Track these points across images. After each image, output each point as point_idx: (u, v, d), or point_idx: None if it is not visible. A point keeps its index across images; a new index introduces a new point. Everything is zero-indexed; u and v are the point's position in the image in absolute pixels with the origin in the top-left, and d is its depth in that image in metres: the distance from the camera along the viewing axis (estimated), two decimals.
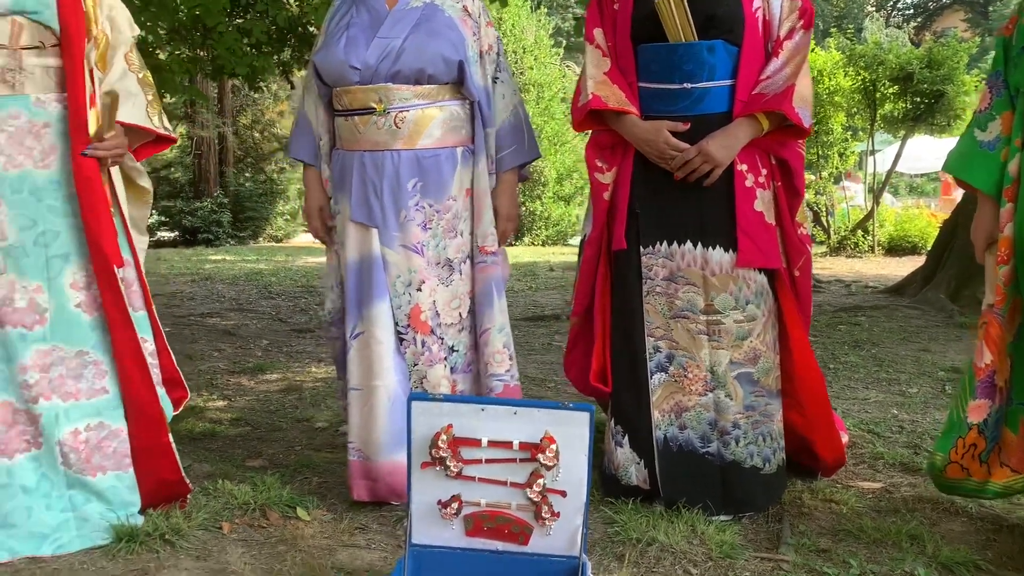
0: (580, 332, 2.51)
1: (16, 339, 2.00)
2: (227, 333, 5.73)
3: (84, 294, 2.07)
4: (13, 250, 2.01)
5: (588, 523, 1.71)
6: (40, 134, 2.04)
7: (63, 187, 2.05)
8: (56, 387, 2.04)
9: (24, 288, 2.02)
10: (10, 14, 1.99)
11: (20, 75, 2.01)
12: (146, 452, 2.13)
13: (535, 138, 2.49)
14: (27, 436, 2.02)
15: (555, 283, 9.68)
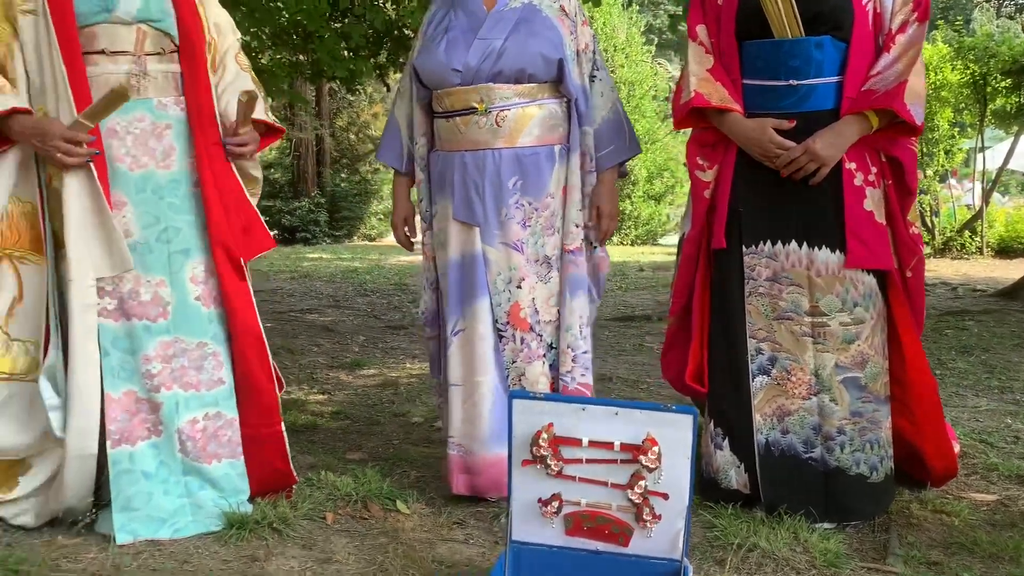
0: (677, 332, 2.48)
1: (141, 331, 2.11)
2: (325, 329, 5.89)
3: (203, 288, 2.17)
4: (138, 247, 2.11)
5: (690, 526, 1.69)
6: (161, 135, 2.14)
7: (182, 185, 2.16)
8: (177, 377, 2.14)
9: (148, 282, 2.12)
10: (136, 22, 2.10)
11: (144, 80, 2.12)
12: (259, 440, 2.22)
13: (635, 134, 2.48)
14: (148, 424, 2.12)
15: (645, 283, 9.58)
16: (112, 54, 2.09)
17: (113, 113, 2.06)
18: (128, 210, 2.11)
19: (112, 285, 2.09)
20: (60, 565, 1.86)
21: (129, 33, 2.10)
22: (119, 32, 2.09)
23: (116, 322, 2.10)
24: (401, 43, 6.91)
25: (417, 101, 2.47)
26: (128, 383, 2.10)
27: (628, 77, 17.15)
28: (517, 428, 1.70)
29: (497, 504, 2.33)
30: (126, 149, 2.10)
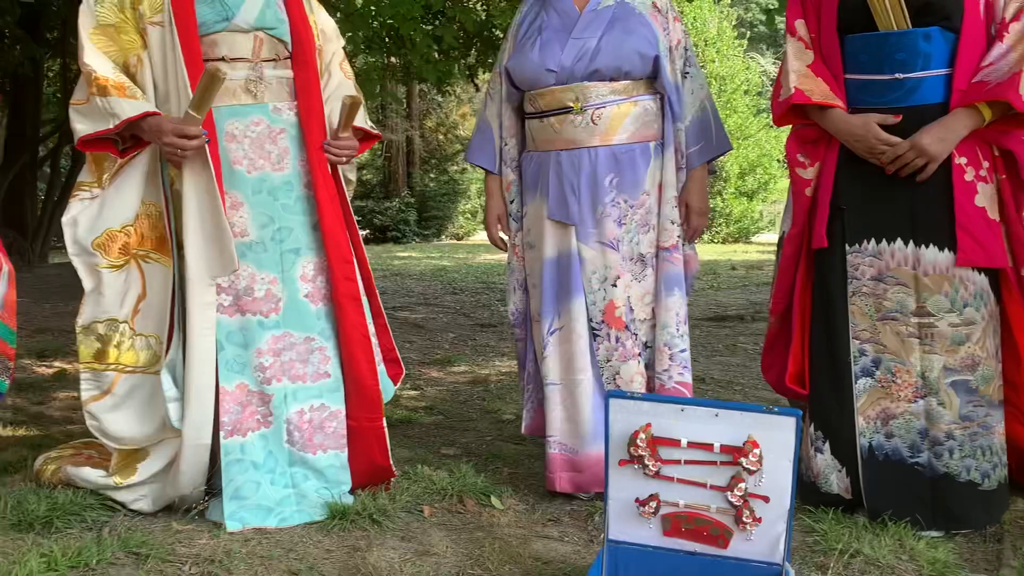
0: (778, 333, 2.43)
1: (255, 326, 2.20)
2: (416, 326, 6.00)
3: (311, 285, 2.25)
4: (254, 246, 2.21)
5: (792, 530, 1.66)
6: (276, 139, 2.23)
7: (295, 188, 2.25)
8: (286, 370, 2.22)
9: (262, 280, 2.21)
10: (253, 30, 2.19)
11: (261, 85, 2.21)
12: (362, 433, 2.28)
13: (724, 130, 2.46)
14: (258, 415, 2.21)
15: (738, 282, 9.39)
16: (231, 60, 2.18)
17: (223, 111, 2.16)
18: (245, 211, 2.20)
19: (228, 282, 2.18)
20: (175, 550, 1.96)
21: (247, 40, 2.19)
22: (238, 40, 2.18)
23: (231, 317, 2.19)
24: (490, 44, 6.99)
25: (507, 102, 2.50)
26: (241, 376, 2.19)
27: (719, 72, 16.86)
28: (614, 428, 1.70)
29: (591, 502, 2.33)
30: (243, 152, 2.19)
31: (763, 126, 17.24)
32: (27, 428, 3.03)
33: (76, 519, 2.09)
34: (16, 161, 9.25)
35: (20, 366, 4.14)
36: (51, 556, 1.83)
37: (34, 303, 6.24)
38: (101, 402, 2.21)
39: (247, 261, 2.20)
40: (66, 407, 3.44)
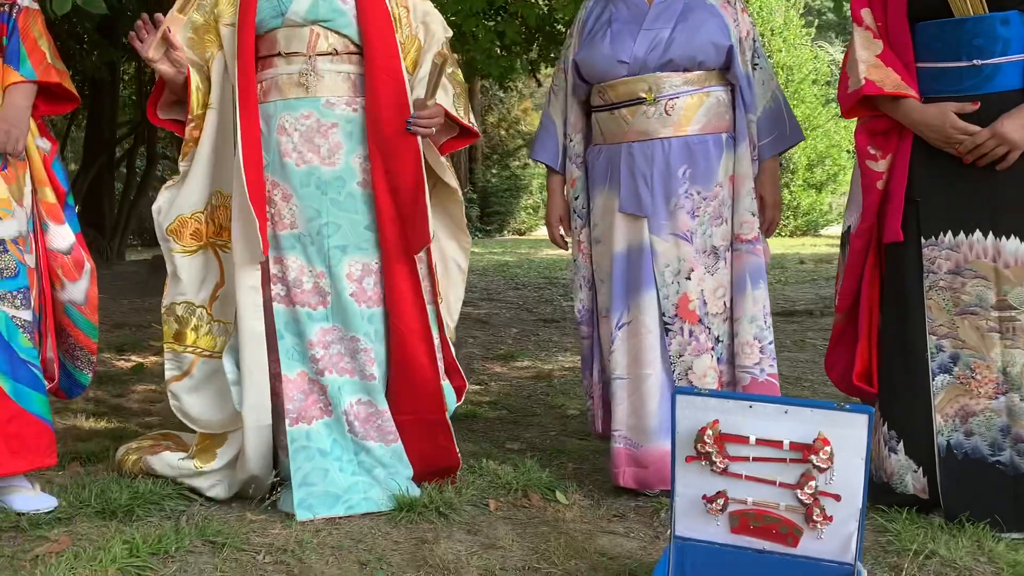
0: (844, 329, 2.38)
1: (304, 317, 2.24)
2: (480, 321, 6.04)
3: (356, 285, 2.26)
4: (303, 238, 2.25)
5: (864, 529, 1.63)
6: (327, 133, 2.24)
7: (346, 184, 2.25)
8: (335, 363, 2.26)
9: (311, 272, 2.25)
10: (308, 24, 2.22)
11: (313, 79, 2.24)
12: (425, 425, 2.30)
13: (796, 121, 2.42)
14: (320, 404, 2.26)
15: (807, 276, 9.22)
16: (287, 55, 2.23)
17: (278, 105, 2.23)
18: (294, 203, 2.24)
19: (280, 272, 2.24)
20: (249, 539, 2.01)
21: (303, 34, 2.22)
22: (295, 34, 2.22)
23: (286, 307, 2.25)
24: (552, 38, 6.97)
25: (573, 96, 2.49)
26: (301, 365, 2.25)
27: (786, 61, 16.52)
28: (681, 424, 1.69)
29: (657, 499, 2.32)
30: (293, 145, 2.23)
31: (832, 116, 16.83)
32: (108, 420, 3.15)
33: (156, 508, 2.17)
34: (95, 162, 9.60)
35: (100, 360, 4.30)
36: (133, 543, 1.91)
37: (112, 299, 6.46)
38: (181, 383, 2.31)
39: (296, 253, 2.24)
40: (144, 400, 3.56)
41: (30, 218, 2.18)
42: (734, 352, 2.33)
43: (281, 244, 2.25)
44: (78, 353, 2.31)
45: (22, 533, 2.01)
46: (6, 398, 2.08)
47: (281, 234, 2.24)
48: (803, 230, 16.69)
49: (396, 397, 2.30)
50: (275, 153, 2.23)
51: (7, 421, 2.08)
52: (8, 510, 2.12)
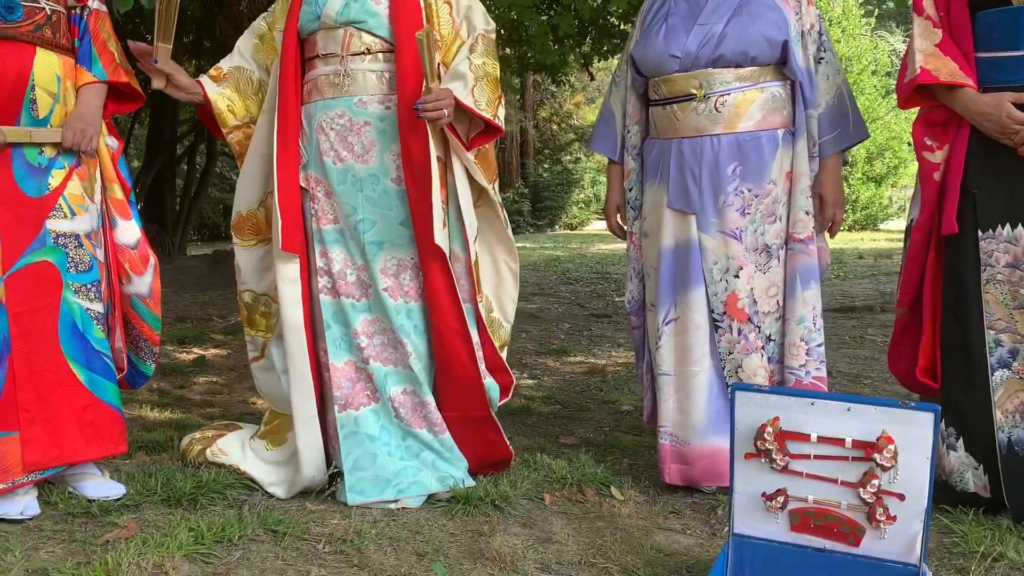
0: (907, 324, 2.33)
1: (349, 308, 2.29)
2: (532, 316, 6.05)
3: (392, 280, 2.29)
4: (344, 232, 2.30)
5: (929, 530, 1.59)
6: (360, 132, 2.27)
7: (380, 181, 2.27)
8: (379, 352, 2.30)
9: (353, 265, 2.30)
10: (341, 25, 2.26)
11: (346, 79, 2.27)
12: (468, 420, 2.32)
13: (861, 117, 2.35)
14: (367, 391, 2.30)
15: (865, 272, 9.02)
16: (324, 56, 2.28)
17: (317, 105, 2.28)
18: (335, 199, 2.29)
19: (326, 265, 2.29)
20: (309, 528, 2.05)
21: (338, 36, 2.26)
22: (330, 35, 2.27)
23: (332, 299, 2.30)
24: (605, 31, 6.93)
25: (632, 89, 2.48)
26: (348, 354, 2.30)
27: (845, 52, 16.18)
28: (740, 421, 1.67)
29: (714, 496, 2.30)
30: (329, 144, 2.27)
31: (892, 108, 16.44)
32: (171, 410, 3.24)
33: (219, 497, 2.22)
34: (157, 159, 9.83)
35: (163, 352, 4.42)
36: (198, 531, 1.96)
37: (174, 293, 6.63)
38: (259, 363, 2.46)
39: (340, 247, 2.30)
40: (205, 391, 3.65)
41: (100, 214, 2.25)
42: (783, 352, 2.30)
43: (325, 238, 2.30)
44: (142, 345, 2.38)
45: (92, 519, 2.08)
46: (82, 387, 2.15)
47: (325, 228, 2.30)
48: (862, 224, 16.35)
49: (442, 393, 2.33)
50: (315, 151, 2.29)
51: (83, 409, 2.15)
52: (80, 496, 2.19)
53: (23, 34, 2.04)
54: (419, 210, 2.22)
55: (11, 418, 2.05)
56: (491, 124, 2.24)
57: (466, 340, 2.27)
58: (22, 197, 2.06)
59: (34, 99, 2.06)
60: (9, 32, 2.01)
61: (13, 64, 2.02)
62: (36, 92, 2.06)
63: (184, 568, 1.81)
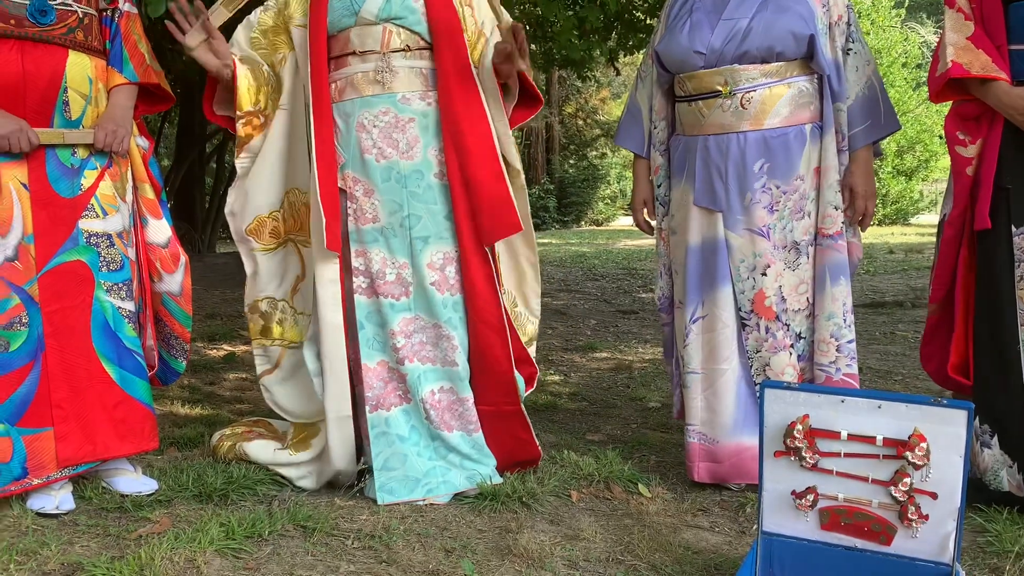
0: (939, 321, 2.30)
1: (387, 308, 2.29)
2: (558, 312, 6.04)
3: (438, 274, 2.29)
4: (385, 231, 2.29)
5: (963, 529, 1.57)
6: (405, 128, 2.28)
7: (424, 176, 2.28)
8: (417, 352, 2.30)
9: (393, 264, 2.29)
10: (380, 22, 2.26)
11: (389, 75, 2.27)
12: (502, 417, 2.33)
13: (893, 108, 2.32)
14: (399, 392, 2.30)
15: (896, 267, 8.91)
16: (361, 53, 2.27)
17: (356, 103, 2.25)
18: (376, 197, 2.28)
19: (364, 265, 2.29)
20: (339, 524, 2.07)
21: (376, 32, 2.26)
22: (368, 32, 2.26)
23: (368, 299, 2.30)
24: (631, 26, 6.89)
25: (658, 85, 2.46)
26: (381, 354, 2.30)
27: (875, 45, 15.97)
28: (769, 418, 1.66)
29: (742, 493, 2.29)
30: (372, 141, 2.27)
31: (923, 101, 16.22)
32: (202, 407, 3.27)
33: (249, 492, 2.25)
34: (186, 158, 9.94)
35: (194, 349, 4.47)
36: (229, 526, 1.98)
37: (204, 290, 6.71)
38: (272, 376, 2.42)
39: (379, 246, 2.29)
40: (235, 387, 3.69)
41: (131, 214, 2.28)
42: (812, 349, 2.28)
43: (364, 238, 2.29)
44: (173, 342, 2.41)
45: (126, 514, 2.11)
46: (113, 385, 2.18)
47: (364, 228, 2.29)
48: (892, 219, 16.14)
49: (477, 387, 2.33)
50: (355, 150, 2.28)
51: (114, 407, 2.18)
52: (113, 492, 2.23)
53: (56, 37, 2.07)
54: (465, 205, 2.25)
55: (45, 415, 2.09)
56: (535, 93, 2.39)
57: (502, 333, 2.29)
58: (55, 197, 2.09)
59: (67, 101, 2.09)
60: (42, 35, 2.05)
61: (47, 67, 2.05)
62: (69, 94, 2.10)
63: (215, 563, 1.83)
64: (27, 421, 2.07)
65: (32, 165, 2.06)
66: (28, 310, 2.07)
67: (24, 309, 2.06)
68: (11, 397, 2.05)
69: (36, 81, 2.04)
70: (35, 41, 2.04)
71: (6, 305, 2.04)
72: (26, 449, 2.07)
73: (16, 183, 2.05)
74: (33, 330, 2.07)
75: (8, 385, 2.05)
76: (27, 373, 2.07)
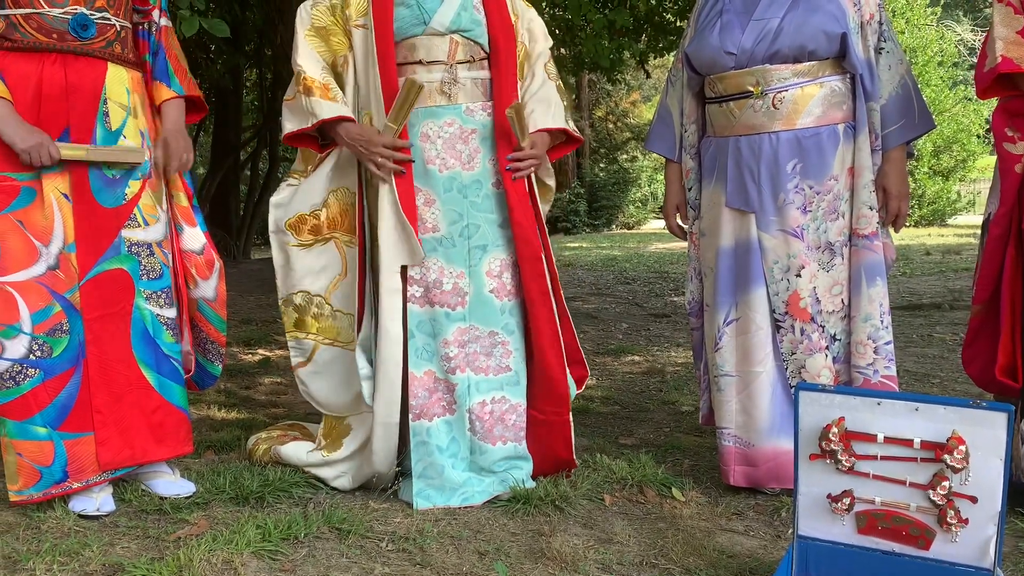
0: (984, 322, 2.26)
1: (442, 317, 2.29)
2: (589, 316, 6.03)
3: (497, 281, 2.32)
4: (444, 241, 2.30)
5: (1004, 534, 1.55)
6: (468, 139, 2.30)
7: (484, 186, 2.31)
8: (470, 361, 2.30)
9: (450, 273, 2.30)
10: (448, 33, 2.27)
11: (455, 87, 2.29)
12: (547, 425, 2.34)
13: (927, 108, 2.28)
14: (444, 403, 2.31)
15: (933, 268, 8.78)
16: (428, 63, 2.27)
17: (420, 113, 2.25)
18: (437, 207, 2.30)
19: (420, 274, 2.29)
20: (373, 527, 2.08)
21: (443, 43, 2.27)
22: (435, 43, 2.27)
23: (421, 308, 2.30)
24: (661, 28, 6.88)
25: (688, 87, 2.45)
26: (429, 364, 2.30)
27: (909, 43, 15.75)
28: (804, 421, 1.65)
29: (777, 497, 2.27)
30: (436, 152, 2.29)
31: (959, 100, 15.94)
32: (238, 411, 3.32)
33: (285, 495, 2.27)
34: (221, 166, 10.09)
35: (229, 353, 4.53)
36: (265, 528, 2.00)
37: (239, 296, 6.79)
38: (305, 368, 2.43)
39: (437, 255, 2.29)
40: (270, 391, 3.73)
41: (168, 222, 2.32)
42: (849, 351, 2.25)
43: (423, 247, 2.29)
44: (209, 347, 2.44)
45: (165, 516, 2.15)
46: (152, 390, 2.22)
47: (423, 237, 2.29)
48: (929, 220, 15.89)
49: (531, 393, 2.35)
50: (419, 159, 2.29)
51: (152, 411, 2.22)
52: (152, 494, 2.27)
53: (96, 50, 2.12)
54: (516, 211, 2.27)
55: (87, 420, 2.14)
56: (574, 137, 2.45)
57: (556, 342, 2.30)
58: (97, 208, 2.14)
59: (107, 112, 2.14)
60: (83, 49, 2.10)
61: (88, 79, 2.11)
62: (108, 105, 2.14)
63: (252, 564, 1.86)
64: (68, 425, 2.12)
65: (74, 176, 2.11)
66: (69, 317, 2.11)
67: (65, 316, 2.11)
68: (53, 402, 2.10)
69: (79, 93, 2.09)
70: (77, 54, 2.09)
71: (48, 312, 2.09)
72: (67, 453, 2.12)
73: (57, 193, 2.10)
74: (74, 337, 2.12)
75: (51, 390, 2.09)
76: (68, 379, 2.11)
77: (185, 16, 3.45)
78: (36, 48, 2.06)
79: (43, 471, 2.10)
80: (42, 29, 2.06)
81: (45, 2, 2.06)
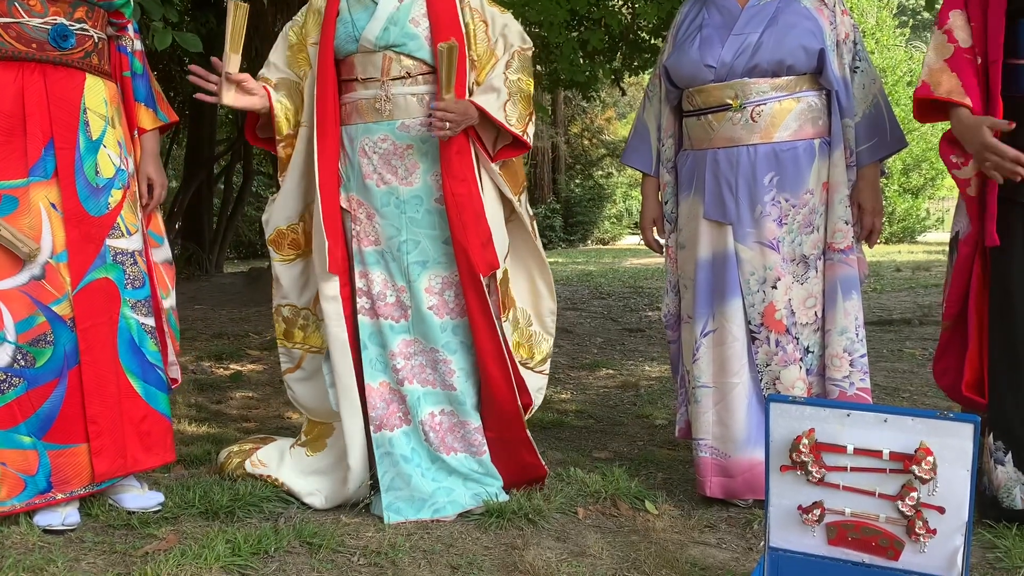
0: (952, 337, 2.29)
1: (387, 329, 2.30)
2: (564, 331, 6.04)
3: (438, 298, 2.30)
4: (385, 254, 2.31)
5: (971, 544, 1.56)
6: (403, 155, 2.29)
7: (423, 202, 2.29)
8: (416, 374, 2.31)
9: (393, 286, 2.31)
10: (380, 50, 2.27)
11: (388, 104, 2.28)
12: (504, 441, 2.33)
13: (899, 127, 2.33)
14: (400, 413, 2.31)
15: (903, 284, 8.89)
16: (364, 80, 2.29)
17: (359, 128, 2.28)
18: (377, 221, 2.30)
19: (366, 286, 2.30)
20: (344, 541, 2.06)
21: (376, 60, 2.28)
22: (369, 59, 2.28)
23: (371, 320, 2.31)
24: (636, 46, 6.94)
25: (666, 102, 2.48)
26: (383, 375, 2.31)
27: (880, 63, 16.05)
28: (775, 432, 1.66)
29: (749, 509, 2.28)
30: (373, 167, 2.29)
31: None
32: (209, 425, 3.28)
33: (255, 510, 2.24)
34: (194, 179, 10.01)
35: (200, 368, 4.49)
36: (235, 543, 1.98)
37: (211, 310, 6.73)
38: (294, 374, 2.46)
39: (380, 268, 2.31)
40: (242, 406, 3.69)
41: (143, 232, 2.32)
42: (823, 364, 2.27)
43: (366, 259, 2.31)
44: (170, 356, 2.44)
45: (132, 531, 2.11)
46: (139, 399, 2.21)
47: (366, 250, 2.31)
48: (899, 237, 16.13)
49: (484, 413, 2.34)
50: (358, 173, 2.30)
51: (140, 420, 2.21)
52: (120, 508, 2.23)
53: (74, 61, 2.13)
54: (454, 226, 2.24)
55: (77, 431, 2.12)
56: (520, 139, 2.29)
57: (501, 361, 2.27)
58: (85, 216, 2.13)
59: (87, 121, 2.14)
60: (62, 59, 2.11)
61: (68, 89, 2.11)
62: (88, 115, 2.15)
63: None
64: (53, 436, 2.09)
65: (63, 184, 2.10)
66: (54, 328, 2.08)
67: (50, 327, 2.08)
68: (37, 412, 2.07)
69: (60, 103, 2.10)
70: (55, 64, 2.10)
71: (32, 322, 2.06)
72: (51, 463, 2.09)
73: (46, 203, 2.08)
74: (59, 348, 2.09)
75: (34, 400, 2.07)
76: (52, 389, 2.09)
77: (158, 29, 3.44)
78: (15, 57, 2.06)
79: (27, 480, 2.07)
80: (21, 39, 2.05)
81: (25, 12, 2.06)
